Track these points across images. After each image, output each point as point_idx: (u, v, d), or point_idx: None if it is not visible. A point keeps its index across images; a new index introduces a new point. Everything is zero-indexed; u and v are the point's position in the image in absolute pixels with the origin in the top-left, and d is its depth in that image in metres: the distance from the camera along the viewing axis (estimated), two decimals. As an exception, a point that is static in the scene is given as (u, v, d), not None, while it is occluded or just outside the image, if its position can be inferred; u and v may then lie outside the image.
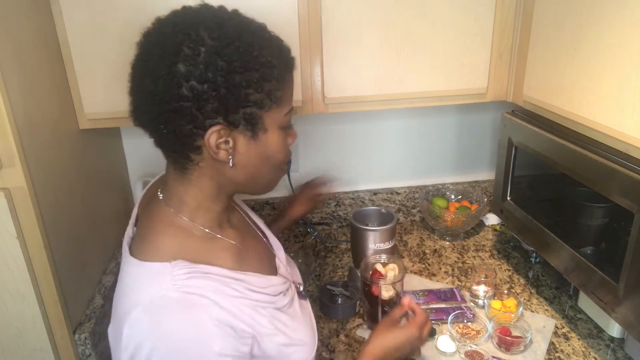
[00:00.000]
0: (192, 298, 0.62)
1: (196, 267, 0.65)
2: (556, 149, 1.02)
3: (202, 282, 0.64)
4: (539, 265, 1.41)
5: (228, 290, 0.66)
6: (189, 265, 0.65)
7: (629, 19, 0.81)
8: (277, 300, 0.75)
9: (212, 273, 0.66)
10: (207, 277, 0.65)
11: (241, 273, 0.70)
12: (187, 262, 0.65)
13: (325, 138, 1.58)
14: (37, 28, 0.97)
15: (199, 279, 0.64)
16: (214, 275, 0.66)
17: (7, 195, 0.85)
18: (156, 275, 0.64)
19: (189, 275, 0.63)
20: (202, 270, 0.65)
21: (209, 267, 0.66)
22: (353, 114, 1.54)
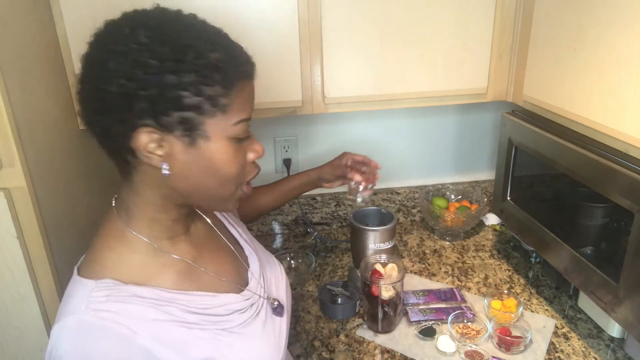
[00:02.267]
0: (105, 324, 0.59)
1: (121, 289, 0.62)
2: (556, 149, 1.02)
3: (120, 307, 0.61)
4: (539, 265, 1.41)
5: (156, 314, 0.63)
6: (113, 285, 0.62)
7: (629, 19, 0.81)
8: (229, 320, 0.71)
9: (140, 296, 0.63)
10: (131, 300, 0.62)
11: (181, 293, 0.67)
12: (115, 282, 0.62)
13: (325, 138, 1.58)
14: (37, 28, 0.97)
15: (118, 303, 0.61)
16: (140, 299, 0.62)
17: (7, 195, 0.85)
18: (77, 293, 0.62)
19: (107, 297, 0.61)
20: (129, 292, 0.62)
21: (139, 289, 0.63)
22: (353, 114, 1.54)
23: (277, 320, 0.80)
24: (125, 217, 0.68)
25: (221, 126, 0.62)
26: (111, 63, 0.58)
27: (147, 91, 0.58)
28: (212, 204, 0.71)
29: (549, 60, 1.05)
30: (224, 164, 0.64)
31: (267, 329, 0.77)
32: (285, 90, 1.14)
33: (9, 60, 0.84)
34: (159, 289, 0.65)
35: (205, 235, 0.80)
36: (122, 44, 0.58)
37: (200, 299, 0.69)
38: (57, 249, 0.95)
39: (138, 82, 0.58)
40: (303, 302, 1.28)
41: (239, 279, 0.79)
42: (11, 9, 0.88)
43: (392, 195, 1.67)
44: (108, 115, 0.60)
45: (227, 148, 0.64)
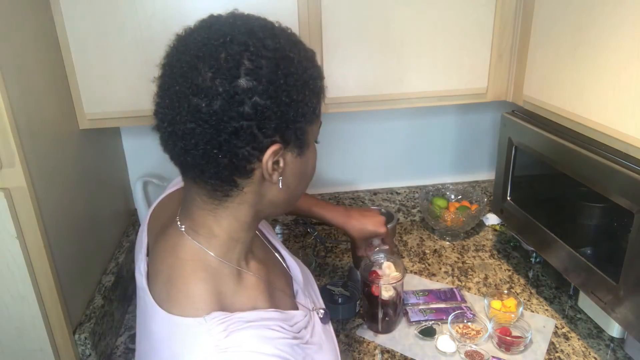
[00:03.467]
0: (241, 357, 0.55)
1: (233, 317, 0.57)
2: (556, 149, 1.02)
3: (244, 336, 0.56)
4: (539, 265, 1.41)
5: (272, 335, 0.60)
6: (224, 317, 0.57)
7: (629, 19, 0.81)
8: (302, 336, 0.67)
9: (252, 321, 0.59)
10: (247, 327, 0.58)
11: (275, 311, 0.64)
12: (223, 313, 0.57)
13: (325, 138, 1.57)
14: (37, 28, 0.97)
15: (240, 332, 0.56)
16: (254, 323, 0.59)
17: (7, 195, 0.85)
18: (192, 336, 0.56)
19: (227, 332, 0.56)
20: (241, 319, 0.58)
21: (248, 315, 0.59)
22: (353, 114, 1.54)
23: (328, 327, 0.79)
24: (205, 241, 0.63)
25: (315, 131, 0.65)
26: (242, 81, 0.54)
27: (279, 108, 0.56)
28: (289, 209, 0.71)
29: (549, 60, 1.05)
30: (313, 167, 0.67)
31: (324, 339, 0.74)
32: (285, 90, 1.14)
33: (9, 60, 0.84)
34: (260, 311, 0.62)
35: (263, 250, 0.78)
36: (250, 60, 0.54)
37: (286, 316, 0.66)
38: (57, 249, 0.95)
39: (273, 100, 0.55)
40: (303, 302, 1.28)
41: (291, 292, 0.77)
42: (11, 9, 0.88)
43: (392, 195, 1.67)
44: (237, 139, 0.55)
45: (315, 151, 0.67)
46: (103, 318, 1.09)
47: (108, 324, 1.12)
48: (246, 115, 0.54)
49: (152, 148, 0.69)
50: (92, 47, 1.05)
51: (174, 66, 0.56)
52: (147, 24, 1.04)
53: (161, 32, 1.04)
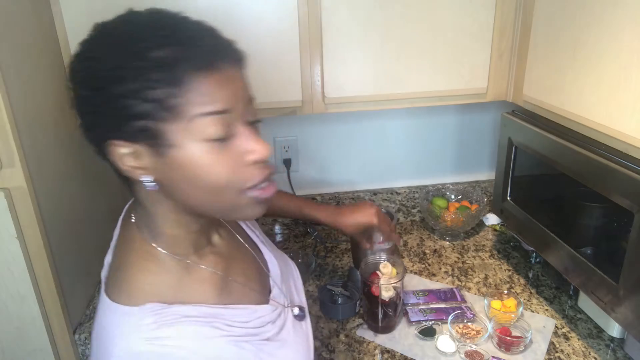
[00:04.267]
0: (164, 351, 0.56)
1: (169, 311, 0.59)
2: (556, 149, 1.02)
3: (174, 330, 0.58)
4: (539, 265, 1.41)
5: (208, 332, 0.60)
6: (160, 309, 0.58)
7: (628, 19, 0.81)
8: (264, 332, 0.68)
9: (188, 315, 0.60)
10: (182, 321, 0.59)
11: (223, 307, 0.64)
12: (160, 305, 0.59)
13: (325, 138, 1.58)
14: (37, 28, 0.97)
15: (171, 327, 0.58)
16: (190, 318, 0.60)
17: (7, 195, 0.85)
18: (124, 325, 0.58)
19: (158, 324, 0.57)
20: (176, 313, 0.59)
21: (185, 308, 0.60)
22: (353, 114, 1.54)
23: (303, 324, 0.78)
24: (149, 235, 0.64)
25: (180, 129, 0.54)
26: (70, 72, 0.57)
27: (105, 104, 0.54)
28: (225, 215, 0.66)
29: (549, 60, 1.05)
30: (203, 171, 0.56)
31: (297, 335, 0.75)
32: (285, 90, 1.14)
33: (9, 60, 0.84)
34: (203, 305, 0.62)
35: (229, 244, 0.75)
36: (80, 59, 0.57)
37: (239, 312, 0.66)
38: (57, 249, 0.95)
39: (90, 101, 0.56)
40: (303, 302, 1.28)
41: (263, 288, 0.76)
42: (11, 9, 0.88)
43: (392, 195, 1.67)
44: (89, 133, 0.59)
45: (199, 152, 0.55)
46: (103, 318, 1.09)
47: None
48: (79, 109, 0.57)
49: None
50: (92, 47, 1.05)
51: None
52: (147, 24, 1.04)
53: (161, 32, 1.04)
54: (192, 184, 0.57)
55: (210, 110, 0.55)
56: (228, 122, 0.56)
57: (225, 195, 0.58)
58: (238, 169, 0.58)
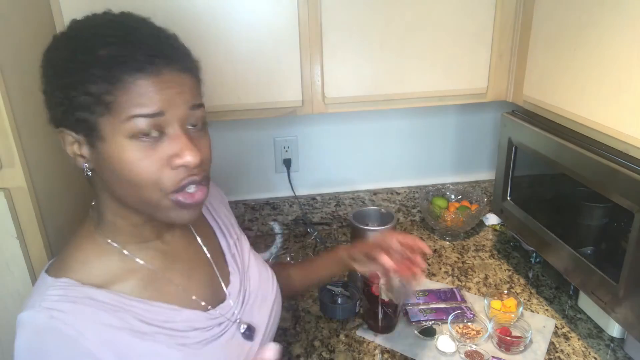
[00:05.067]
0: (53, 324, 0.59)
1: (77, 290, 0.62)
2: (556, 149, 1.02)
3: (71, 307, 0.60)
4: (539, 265, 1.41)
5: (108, 319, 0.62)
6: (69, 285, 0.62)
7: (629, 19, 0.81)
8: (186, 336, 0.68)
9: (95, 298, 0.62)
10: (83, 301, 0.61)
11: (140, 301, 0.65)
12: (72, 282, 0.62)
13: (325, 138, 1.58)
14: (37, 28, 0.97)
15: (70, 304, 0.60)
16: (94, 302, 0.62)
17: (7, 195, 0.85)
18: (37, 291, 0.63)
19: (61, 297, 0.60)
20: (84, 293, 0.62)
21: (96, 291, 0.62)
22: (353, 114, 1.54)
23: (247, 344, 0.76)
24: (96, 220, 0.69)
25: (112, 125, 0.58)
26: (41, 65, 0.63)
27: (53, 94, 0.61)
28: (153, 214, 0.65)
29: (549, 60, 1.05)
30: (126, 167, 0.59)
31: (230, 351, 0.73)
32: (286, 90, 1.14)
33: (9, 60, 0.84)
34: (117, 294, 0.64)
35: (183, 245, 0.76)
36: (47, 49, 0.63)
37: (160, 310, 0.67)
38: (57, 249, 0.95)
39: (48, 86, 0.61)
40: (303, 302, 1.28)
41: (211, 296, 0.75)
42: (11, 8, 0.88)
43: (392, 195, 1.67)
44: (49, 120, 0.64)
45: (125, 148, 0.59)
46: (103, 318, 1.09)
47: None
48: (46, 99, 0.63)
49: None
50: (92, 47, 1.05)
51: None
52: (147, 24, 1.04)
53: (161, 32, 1.04)
54: (116, 177, 0.61)
55: (142, 112, 0.58)
56: (160, 124, 0.59)
57: (146, 193, 0.61)
58: (161, 170, 0.60)
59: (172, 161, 0.60)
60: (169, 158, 0.60)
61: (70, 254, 0.67)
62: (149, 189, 0.61)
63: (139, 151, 0.59)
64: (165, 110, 0.59)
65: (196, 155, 0.61)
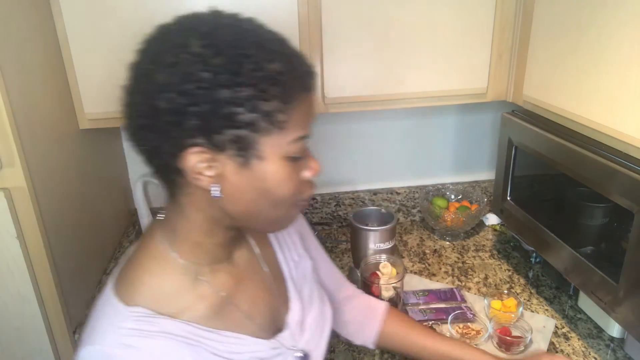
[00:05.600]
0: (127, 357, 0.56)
1: (152, 322, 0.58)
2: (556, 149, 1.02)
3: (147, 344, 0.57)
4: (539, 265, 1.41)
5: (186, 353, 0.59)
6: (145, 317, 0.58)
7: (629, 18, 0.81)
8: None
9: (170, 332, 0.59)
10: (159, 336, 0.58)
11: (210, 331, 0.63)
12: (147, 312, 0.59)
13: (325, 138, 1.58)
14: (37, 28, 0.97)
15: (147, 340, 0.57)
16: (170, 336, 0.59)
17: (7, 195, 0.85)
18: (108, 319, 0.59)
19: (136, 331, 0.57)
20: (160, 327, 0.58)
21: (171, 323, 0.59)
22: (353, 114, 1.54)
23: None
24: (168, 238, 0.64)
25: (277, 145, 0.56)
26: (160, 75, 0.53)
27: (198, 107, 0.52)
28: (264, 227, 0.66)
29: (549, 60, 1.05)
30: (277, 186, 0.58)
31: None
32: (285, 90, 1.14)
33: (9, 60, 0.84)
34: (190, 324, 0.61)
35: (248, 265, 0.73)
36: (173, 55, 0.53)
37: (228, 340, 0.64)
38: (57, 249, 0.95)
39: (189, 97, 0.52)
40: (303, 302, 1.28)
41: (272, 323, 0.73)
42: (11, 9, 0.88)
43: (392, 195, 1.67)
44: (156, 133, 0.55)
45: (283, 168, 0.58)
46: (103, 318, 1.09)
47: (108, 324, 1.12)
48: (161, 110, 0.53)
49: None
50: (92, 47, 1.05)
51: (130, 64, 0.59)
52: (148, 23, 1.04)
53: (161, 32, 1.05)
54: (260, 196, 0.59)
55: (306, 133, 0.59)
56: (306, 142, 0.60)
57: (282, 208, 0.61)
58: (298, 184, 0.61)
59: (305, 175, 0.62)
60: (302, 172, 0.62)
61: (139, 276, 0.62)
62: (286, 203, 0.61)
63: (288, 169, 0.59)
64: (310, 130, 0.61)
65: (319, 165, 0.64)
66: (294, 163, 0.59)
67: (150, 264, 0.63)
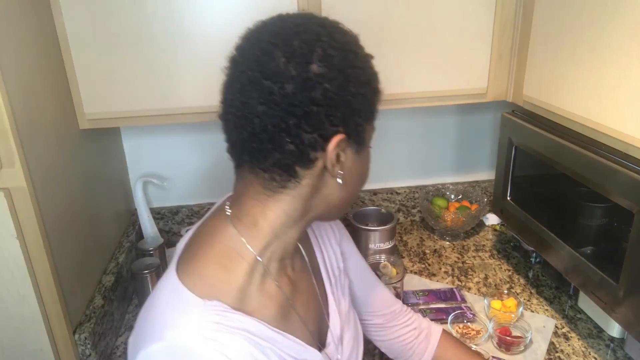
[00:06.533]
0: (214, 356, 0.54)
1: (232, 318, 0.57)
2: (556, 149, 1.02)
3: (230, 340, 0.56)
4: (539, 265, 1.41)
5: (258, 355, 0.58)
6: (224, 311, 0.57)
7: (628, 18, 0.81)
8: None
9: (249, 330, 0.58)
10: (240, 334, 0.57)
11: (280, 333, 0.61)
12: (224, 307, 0.57)
13: (325, 138, 1.58)
14: (37, 28, 0.97)
15: (229, 335, 0.56)
16: (248, 334, 0.57)
17: (7, 195, 0.85)
18: (185, 311, 0.56)
19: (219, 325, 0.56)
20: (237, 323, 0.57)
21: (248, 321, 0.58)
22: (353, 114, 1.54)
23: None
24: (245, 231, 0.62)
25: (371, 130, 0.64)
26: (315, 67, 0.56)
27: (346, 98, 0.57)
28: (342, 213, 0.70)
29: (549, 60, 1.05)
30: (368, 168, 0.66)
31: None
32: (285, 90, 1.14)
33: (9, 60, 0.84)
34: (263, 324, 0.60)
35: (302, 271, 0.73)
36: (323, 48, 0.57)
37: (292, 345, 0.63)
38: (57, 249, 0.95)
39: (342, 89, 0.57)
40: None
41: (319, 336, 0.72)
42: (11, 8, 0.88)
43: (392, 195, 1.67)
44: (306, 123, 0.56)
45: (369, 154, 0.66)
46: (103, 318, 1.09)
47: (108, 324, 1.12)
48: (317, 100, 0.55)
49: (152, 148, 0.69)
50: (92, 47, 1.05)
51: (246, 53, 0.60)
52: (148, 23, 1.04)
53: (161, 31, 1.04)
54: (360, 179, 0.66)
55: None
56: None
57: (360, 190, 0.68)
58: None
59: None
60: None
61: (212, 270, 0.60)
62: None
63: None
64: None
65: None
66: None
67: (222, 258, 0.61)
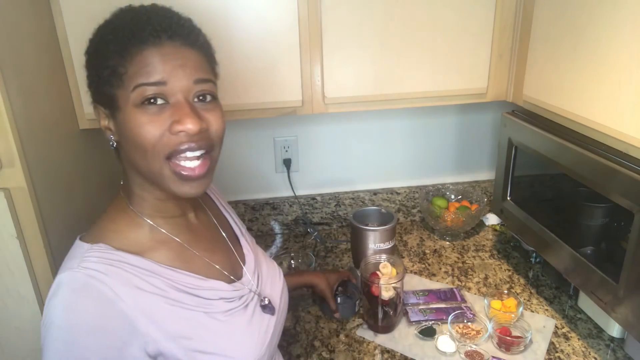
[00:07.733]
0: (91, 283, 0.62)
1: (113, 253, 0.65)
2: (556, 149, 1.02)
3: (108, 269, 0.63)
4: (539, 265, 1.41)
5: (140, 284, 0.65)
6: (107, 250, 0.65)
7: (628, 18, 0.81)
8: (213, 305, 0.72)
9: (129, 263, 0.66)
10: (120, 265, 0.65)
11: (170, 269, 0.69)
12: (108, 247, 0.66)
13: (325, 138, 1.58)
14: (37, 28, 0.97)
15: (107, 266, 0.64)
16: (130, 266, 0.65)
17: (7, 195, 0.85)
18: (73, 255, 0.66)
19: (98, 259, 0.64)
20: (119, 258, 0.65)
21: (130, 257, 0.66)
22: (353, 114, 1.54)
23: (266, 317, 0.80)
24: (126, 195, 0.73)
25: (125, 95, 0.64)
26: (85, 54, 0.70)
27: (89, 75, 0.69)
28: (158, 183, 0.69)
29: (549, 60, 1.05)
30: (135, 133, 0.64)
31: (253, 324, 0.77)
32: (285, 90, 1.14)
33: (9, 60, 0.84)
34: (150, 261, 0.68)
35: (205, 226, 0.82)
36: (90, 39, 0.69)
37: (188, 279, 0.71)
38: (57, 249, 0.95)
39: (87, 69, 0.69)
40: (303, 302, 1.28)
41: (231, 272, 0.80)
42: (11, 8, 0.88)
43: (392, 195, 1.67)
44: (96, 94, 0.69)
45: (135, 116, 0.64)
46: (103, 318, 1.09)
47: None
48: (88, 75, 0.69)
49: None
50: (92, 47, 1.05)
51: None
52: (147, 24, 1.04)
53: (161, 32, 1.04)
54: (130, 145, 0.66)
55: (146, 81, 0.63)
56: (164, 92, 0.64)
57: (153, 160, 0.66)
58: (163, 134, 0.65)
59: (173, 127, 0.64)
60: (171, 124, 0.64)
61: (104, 225, 0.71)
62: (151, 153, 0.65)
63: (145, 117, 0.64)
64: (167, 80, 0.64)
65: (196, 123, 0.64)
66: (154, 113, 0.64)
67: (111, 214, 0.72)
